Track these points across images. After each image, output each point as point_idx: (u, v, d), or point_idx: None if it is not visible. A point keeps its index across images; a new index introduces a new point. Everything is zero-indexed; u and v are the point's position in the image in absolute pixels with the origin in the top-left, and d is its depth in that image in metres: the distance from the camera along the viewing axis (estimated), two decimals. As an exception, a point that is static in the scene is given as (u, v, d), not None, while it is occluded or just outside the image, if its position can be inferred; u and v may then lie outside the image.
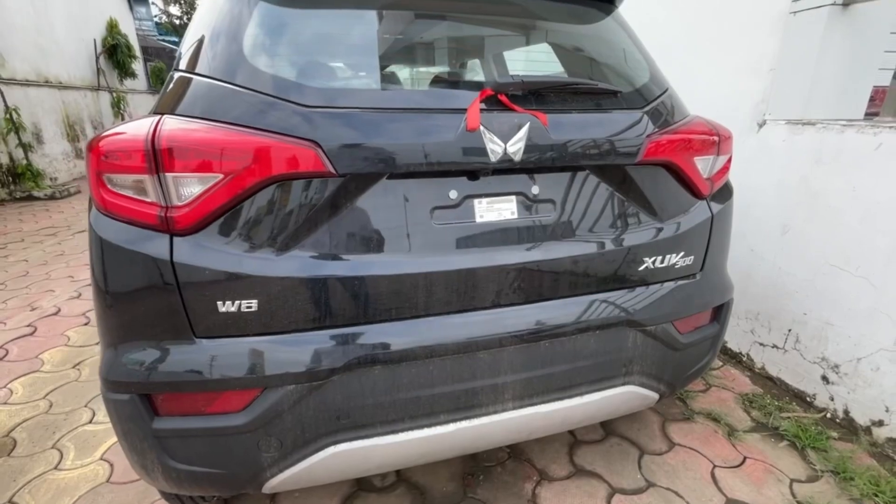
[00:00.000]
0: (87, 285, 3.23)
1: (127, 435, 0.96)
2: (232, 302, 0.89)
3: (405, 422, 1.05)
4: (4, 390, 2.07)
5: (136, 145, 0.84)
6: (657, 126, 1.14)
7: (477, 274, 1.01)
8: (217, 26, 0.98)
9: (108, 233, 0.89)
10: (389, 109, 0.94)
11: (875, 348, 1.69)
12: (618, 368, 1.21)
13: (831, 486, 1.55)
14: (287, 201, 0.89)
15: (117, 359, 0.93)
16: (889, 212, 1.61)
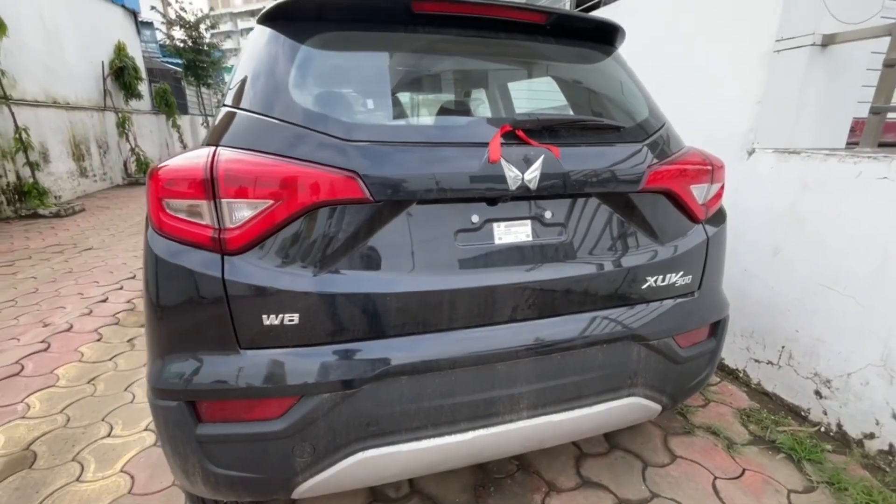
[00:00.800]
0: (98, 302, 3.28)
1: (171, 440, 1.03)
2: (276, 316, 0.98)
3: (428, 429, 1.12)
4: (22, 405, 2.11)
5: (195, 174, 0.94)
6: (657, 157, 1.26)
7: (496, 291, 1.10)
8: (265, 68, 1.09)
9: (164, 251, 0.98)
10: (419, 143, 1.05)
11: (864, 363, 1.78)
12: (623, 380, 1.30)
13: (826, 497, 1.62)
14: (328, 224, 0.99)
15: (166, 368, 1.00)
16: (870, 235, 1.72)
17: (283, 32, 1.14)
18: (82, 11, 8.32)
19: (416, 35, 1.18)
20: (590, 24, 1.34)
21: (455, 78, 1.35)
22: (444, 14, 1.16)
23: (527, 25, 1.26)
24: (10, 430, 1.94)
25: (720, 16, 2.31)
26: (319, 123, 1.01)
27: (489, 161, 1.04)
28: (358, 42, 1.18)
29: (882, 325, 1.71)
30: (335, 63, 1.16)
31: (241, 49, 8.73)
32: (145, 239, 1.04)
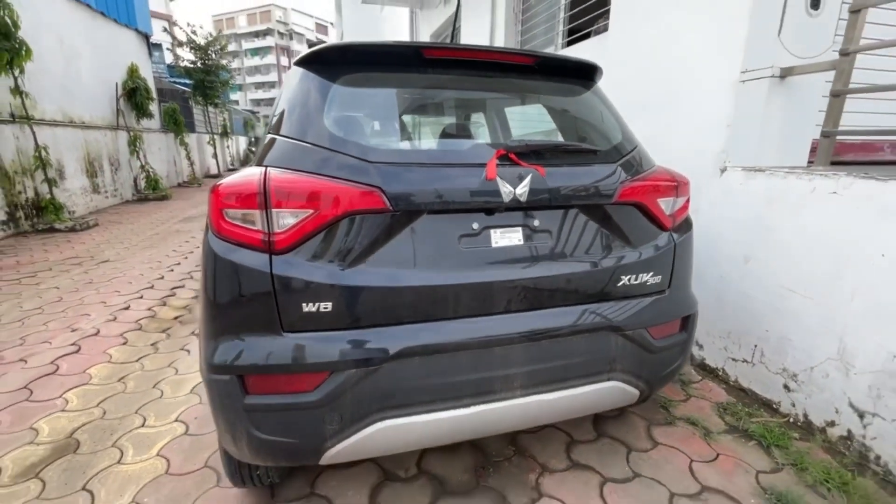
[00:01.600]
0: (121, 310, 3.49)
1: (223, 409, 1.23)
2: (313, 304, 1.20)
3: (437, 403, 1.33)
4: (60, 399, 2.31)
5: (251, 189, 1.17)
6: (629, 175, 1.49)
7: (493, 286, 1.33)
8: (302, 103, 1.33)
9: (223, 251, 1.20)
10: (429, 164, 1.29)
11: (824, 358, 1.99)
12: (604, 366, 1.51)
13: (790, 476, 1.82)
14: (356, 229, 1.22)
15: (221, 348, 1.22)
16: (824, 243, 1.95)
17: (316, 73, 1.39)
18: (98, 35, 8.71)
19: (427, 75, 1.43)
20: (572, 64, 1.59)
21: (458, 108, 1.59)
22: (450, 59, 1.41)
23: (518, 66, 1.51)
24: (53, 421, 2.13)
25: (693, 49, 2.59)
26: (349, 148, 1.25)
27: (486, 179, 1.28)
28: (378, 81, 1.43)
29: (837, 323, 1.92)
30: (360, 98, 1.41)
31: (242, 69, 9.16)
32: (205, 241, 1.26)
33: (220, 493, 1.70)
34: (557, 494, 1.72)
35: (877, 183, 1.77)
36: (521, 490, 1.74)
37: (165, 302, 3.70)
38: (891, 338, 1.74)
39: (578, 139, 1.60)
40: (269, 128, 1.42)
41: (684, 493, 1.73)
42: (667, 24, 2.79)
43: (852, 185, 1.85)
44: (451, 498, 1.70)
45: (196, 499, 1.67)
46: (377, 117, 1.43)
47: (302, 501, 1.67)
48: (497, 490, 1.74)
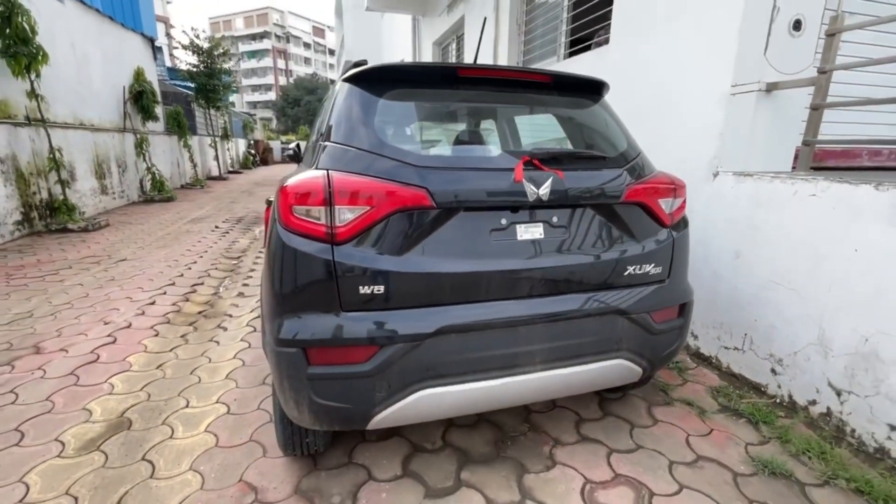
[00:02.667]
0: (147, 305, 3.67)
1: (289, 378, 1.43)
2: (368, 287, 1.41)
3: (469, 375, 1.54)
4: (106, 384, 2.49)
5: (318, 188, 1.38)
6: (633, 178, 1.72)
7: (519, 273, 1.54)
8: (354, 115, 1.55)
9: (291, 242, 1.40)
10: (466, 168, 1.51)
11: (805, 343, 2.22)
12: (612, 345, 1.72)
13: (775, 447, 2.04)
14: (405, 224, 1.43)
15: (288, 325, 1.42)
16: (805, 240, 2.18)
17: (363, 89, 1.60)
18: (107, 40, 8.88)
19: (459, 91, 1.65)
20: (583, 81, 1.81)
21: (485, 118, 1.81)
22: (480, 77, 1.64)
23: (540, 83, 1.74)
24: (103, 403, 2.31)
25: (688, 64, 2.82)
26: (398, 154, 1.46)
27: (514, 181, 1.49)
28: (418, 96, 1.65)
29: (816, 311, 2.15)
30: (403, 111, 1.63)
31: (238, 71, 9.44)
32: (273, 233, 1.46)
33: (268, 462, 1.90)
34: (570, 462, 1.93)
35: (850, 186, 2.00)
36: (538, 459, 1.94)
37: (188, 298, 3.88)
38: (863, 323, 1.97)
39: (588, 147, 1.82)
40: (320, 135, 1.63)
41: (682, 461, 1.94)
42: (663, 40, 3.03)
43: (829, 189, 2.08)
44: (476, 465, 1.90)
45: (247, 467, 1.87)
46: (418, 127, 1.65)
47: (342, 469, 1.87)
48: (516, 459, 1.94)
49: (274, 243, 1.46)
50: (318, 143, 1.62)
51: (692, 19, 2.80)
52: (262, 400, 2.36)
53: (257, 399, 2.36)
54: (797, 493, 1.77)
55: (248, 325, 3.30)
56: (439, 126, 1.65)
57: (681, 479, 1.84)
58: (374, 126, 1.52)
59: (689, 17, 2.82)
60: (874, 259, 1.93)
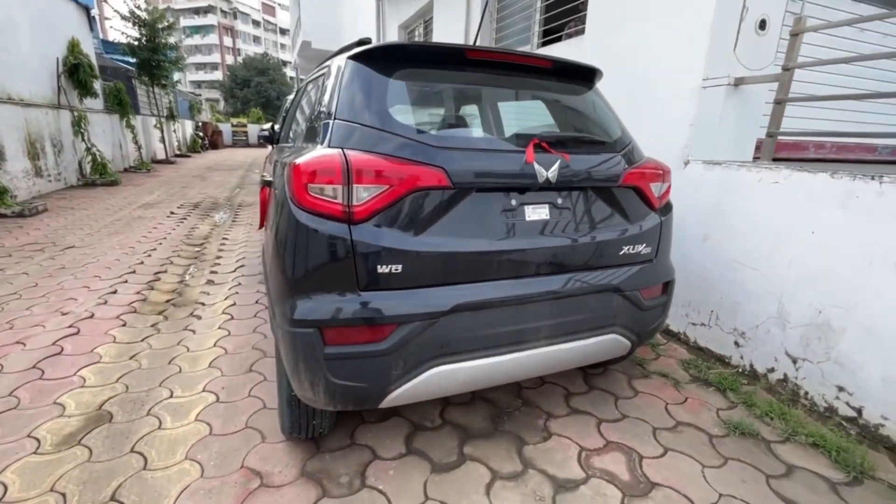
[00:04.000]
0: (109, 294, 3.43)
1: (305, 359, 1.42)
2: (386, 266, 1.41)
3: (480, 351, 1.59)
4: (76, 377, 2.33)
5: (335, 166, 1.36)
6: (628, 163, 1.81)
7: (528, 253, 1.60)
8: (365, 93, 1.52)
9: (306, 220, 1.38)
10: (479, 149, 1.54)
11: (766, 317, 2.44)
12: (607, 320, 1.83)
13: (742, 411, 2.25)
14: (422, 203, 1.44)
15: (304, 305, 1.40)
16: (766, 224, 2.39)
17: (372, 68, 1.58)
18: (36, 5, 8.01)
19: (466, 73, 1.67)
20: (580, 68, 1.88)
21: (490, 101, 1.84)
22: (486, 60, 1.66)
23: (539, 68, 1.78)
24: (76, 396, 2.17)
25: (661, 57, 2.97)
26: (413, 133, 1.46)
27: (526, 162, 1.54)
28: (427, 76, 1.65)
29: (776, 288, 2.38)
30: (413, 90, 1.62)
31: (181, 47, 9.08)
32: (283, 213, 1.43)
33: (269, 448, 1.87)
34: (564, 433, 2.04)
35: (809, 175, 2.21)
36: (534, 432, 2.04)
37: (153, 286, 3.67)
38: (818, 298, 2.20)
39: (585, 132, 1.90)
40: (324, 114, 1.60)
41: (663, 426, 2.11)
42: (638, 34, 3.17)
43: (790, 177, 2.29)
44: (476, 440, 1.97)
45: (247, 453, 1.83)
46: (428, 107, 1.65)
47: (345, 450, 1.88)
48: (513, 433, 2.03)
49: (285, 223, 1.43)
50: (322, 121, 1.58)
51: (665, 16, 2.95)
52: (253, 386, 2.30)
53: (246, 386, 2.30)
54: (764, 450, 1.97)
55: (225, 313, 3.18)
56: (446, 107, 1.66)
57: (664, 442, 2.00)
58: (385, 105, 1.51)
59: (663, 15, 2.96)
60: (828, 240, 2.15)
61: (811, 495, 1.73)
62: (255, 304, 3.36)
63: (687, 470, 1.83)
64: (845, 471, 1.85)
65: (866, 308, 2.02)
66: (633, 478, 1.78)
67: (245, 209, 7.24)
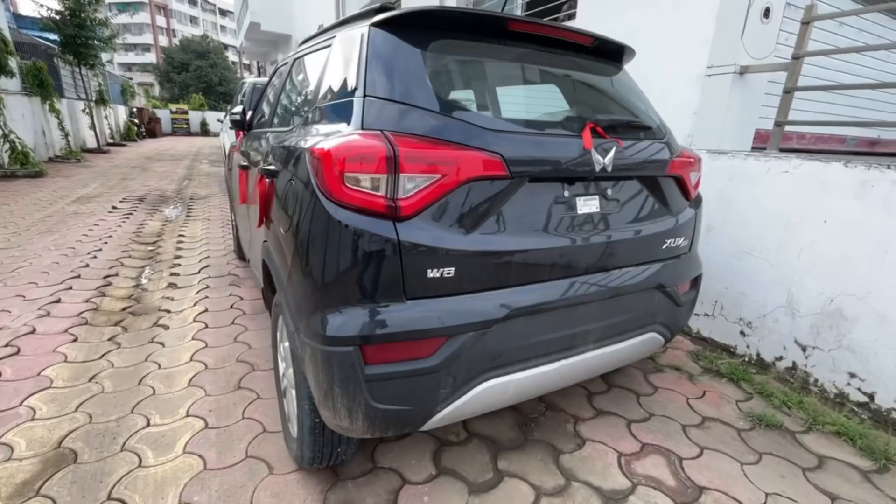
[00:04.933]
0: (51, 303, 2.95)
1: (343, 381, 1.19)
2: (437, 270, 1.20)
3: (531, 361, 1.42)
4: (23, 408, 1.94)
5: (379, 152, 1.13)
6: (671, 151, 1.70)
7: (579, 248, 1.44)
8: (401, 66, 1.29)
9: (343, 218, 1.14)
10: (534, 133, 1.35)
11: (774, 306, 2.46)
12: (648, 319, 1.72)
13: (760, 401, 2.24)
14: (477, 195, 1.24)
15: (341, 319, 1.17)
16: (776, 213, 2.39)
17: (401, 37, 1.35)
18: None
19: (508, 48, 1.47)
20: (617, 45, 1.73)
21: (534, 80, 1.65)
22: (527, 32, 1.47)
23: (577, 44, 1.62)
24: (26, 433, 1.79)
25: (661, 45, 2.91)
26: (465, 115, 1.26)
27: (584, 148, 1.38)
28: (465, 49, 1.43)
29: (785, 277, 2.39)
30: (452, 64, 1.40)
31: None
32: (312, 209, 1.18)
33: (279, 480, 1.61)
34: (596, 437, 1.92)
35: (821, 164, 2.22)
36: (566, 438, 1.91)
37: (104, 293, 3.20)
38: (829, 286, 2.21)
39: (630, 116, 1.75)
40: (347, 90, 1.35)
41: (691, 424, 2.05)
42: (636, 20, 3.09)
43: (801, 166, 2.29)
44: (508, 453, 1.81)
45: (254, 490, 1.57)
46: (467, 85, 1.44)
47: (369, 476, 1.66)
48: (545, 441, 1.89)
49: (313, 221, 1.18)
50: (341, 99, 1.34)
51: (667, 3, 2.88)
52: (245, 407, 2.01)
53: (238, 407, 2.01)
54: (791, 442, 1.96)
55: (197, 321, 2.81)
56: (488, 85, 1.46)
57: (697, 441, 1.93)
58: (426, 79, 1.28)
59: (665, 1, 2.89)
60: (841, 228, 2.16)
61: (848, 486, 1.72)
62: (231, 310, 3.01)
63: (727, 469, 1.78)
64: (872, 458, 1.86)
65: (880, 296, 2.05)
66: (678, 483, 1.70)
67: (199, 202, 6.63)
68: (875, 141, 4.26)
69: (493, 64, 1.53)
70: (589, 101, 1.73)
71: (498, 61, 1.52)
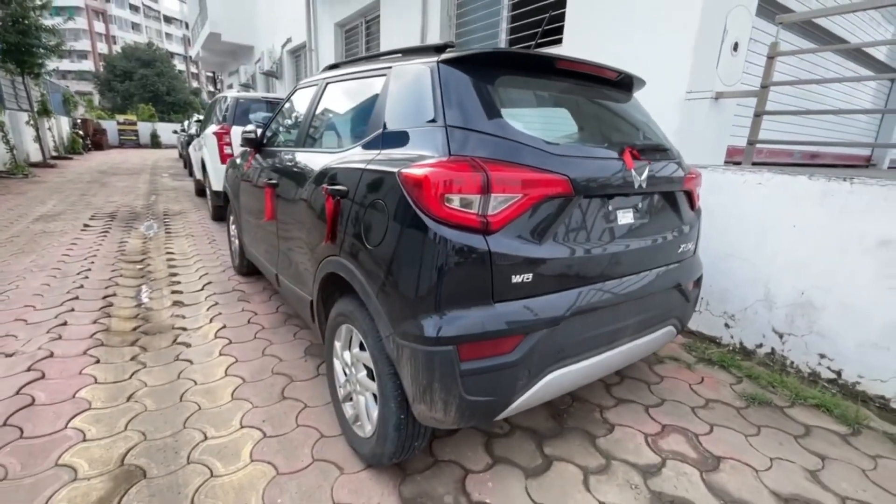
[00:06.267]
0: (58, 326, 2.86)
1: (442, 377, 1.35)
2: (519, 276, 1.40)
3: (585, 353, 1.64)
4: (71, 430, 1.93)
5: (475, 177, 1.31)
6: (683, 170, 1.99)
7: (622, 254, 1.68)
8: (475, 100, 1.49)
9: (443, 233, 1.31)
10: (588, 157, 1.58)
11: (754, 300, 2.82)
12: (668, 313, 1.99)
13: (750, 383, 2.58)
14: (547, 211, 1.44)
15: (442, 322, 1.33)
16: (752, 220, 2.77)
17: (470, 74, 1.55)
18: None
19: (557, 82, 1.71)
20: (632, 78, 2.01)
21: (583, 109, 1.90)
22: (571, 70, 1.71)
23: (603, 78, 1.89)
24: (83, 454, 1.79)
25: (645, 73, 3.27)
26: (535, 142, 1.46)
27: (626, 168, 1.62)
28: (527, 83, 1.66)
29: (762, 275, 2.76)
30: (516, 97, 1.62)
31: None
32: (410, 226, 1.35)
33: (352, 479, 1.73)
34: (622, 422, 2.16)
35: (789, 177, 2.61)
36: (596, 425, 2.14)
37: (108, 313, 3.13)
38: (800, 281, 2.59)
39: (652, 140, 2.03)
40: (422, 120, 1.53)
41: (698, 405, 2.34)
42: (621, 50, 3.45)
43: (773, 178, 2.67)
44: (551, 440, 2.01)
45: (331, 489, 1.67)
46: (527, 116, 1.65)
47: (433, 469, 1.81)
48: (580, 428, 2.11)
49: (415, 235, 1.34)
50: (417, 128, 1.52)
51: (649, 33, 3.25)
52: (297, 415, 2.10)
53: (289, 416, 2.09)
54: (781, 415, 2.29)
55: (220, 337, 2.83)
56: (542, 115, 1.68)
57: (706, 419, 2.22)
58: (499, 112, 1.49)
59: (646, 32, 3.26)
60: (808, 231, 2.55)
61: (831, 448, 2.05)
62: (250, 325, 3.04)
63: (736, 441, 2.06)
64: (846, 425, 2.21)
65: (842, 287, 2.44)
66: (699, 455, 1.96)
67: (175, 219, 6.44)
68: (815, 154, 4.89)
69: (542, 94, 1.76)
70: (619, 127, 1.99)
71: (545, 92, 1.75)
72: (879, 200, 2.30)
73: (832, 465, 1.94)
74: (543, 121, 1.80)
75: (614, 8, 3.45)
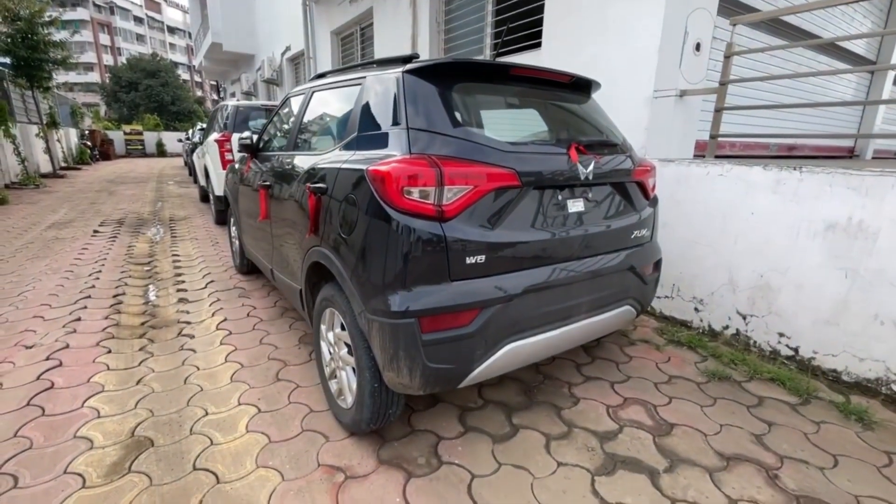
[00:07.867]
0: (72, 322, 3.10)
1: (406, 346, 1.55)
2: (472, 257, 1.60)
3: (540, 327, 1.83)
4: (87, 409, 2.15)
5: (428, 171, 1.52)
6: (633, 162, 2.18)
7: (572, 238, 1.88)
8: (435, 104, 1.69)
9: (404, 221, 1.52)
10: (536, 152, 1.78)
11: (719, 285, 3.00)
12: (624, 294, 2.18)
13: (713, 362, 2.75)
14: (496, 201, 1.65)
15: (405, 298, 1.54)
16: (716, 209, 2.94)
17: (431, 81, 1.75)
18: None
19: (512, 87, 1.91)
20: (587, 81, 2.21)
21: (528, 110, 2.11)
22: (525, 76, 1.92)
23: (558, 82, 2.09)
24: (98, 428, 2.02)
25: (616, 73, 3.46)
26: (485, 140, 1.67)
27: (571, 162, 1.82)
28: (483, 89, 1.86)
29: (726, 260, 2.93)
30: (470, 101, 1.82)
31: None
32: (376, 215, 1.56)
33: (337, 445, 1.94)
34: (588, 396, 2.36)
35: (746, 168, 2.79)
36: (564, 399, 2.33)
37: (119, 310, 3.37)
38: (759, 265, 2.77)
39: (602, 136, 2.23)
40: (388, 123, 1.74)
41: (661, 381, 2.52)
42: (594, 52, 3.64)
43: (732, 170, 2.85)
44: (520, 412, 2.21)
45: (317, 453, 1.88)
46: (483, 116, 1.85)
47: (409, 436, 2.01)
48: (548, 402, 2.30)
49: (378, 224, 1.55)
50: (383, 130, 1.74)
51: (618, 38, 3.44)
52: (289, 393, 2.31)
53: (282, 394, 2.31)
54: (738, 388, 2.46)
55: (220, 329, 3.05)
56: (496, 116, 1.89)
57: (667, 393, 2.40)
58: (454, 114, 1.69)
59: (615, 37, 3.45)
60: (764, 218, 2.73)
61: (780, 415, 2.23)
62: (249, 318, 3.26)
63: (691, 411, 2.25)
64: (798, 395, 2.39)
65: (796, 269, 2.62)
66: (654, 422, 2.15)
67: (180, 224, 6.71)
68: (793, 146, 5.05)
69: (498, 98, 1.96)
70: (570, 125, 2.19)
71: (501, 96, 1.96)
72: (825, 187, 2.47)
73: (777, 430, 2.11)
74: (501, 122, 2.00)
75: (588, 15, 3.64)
